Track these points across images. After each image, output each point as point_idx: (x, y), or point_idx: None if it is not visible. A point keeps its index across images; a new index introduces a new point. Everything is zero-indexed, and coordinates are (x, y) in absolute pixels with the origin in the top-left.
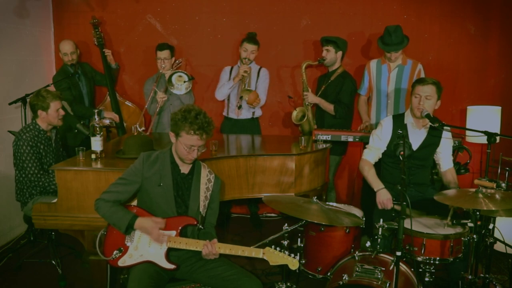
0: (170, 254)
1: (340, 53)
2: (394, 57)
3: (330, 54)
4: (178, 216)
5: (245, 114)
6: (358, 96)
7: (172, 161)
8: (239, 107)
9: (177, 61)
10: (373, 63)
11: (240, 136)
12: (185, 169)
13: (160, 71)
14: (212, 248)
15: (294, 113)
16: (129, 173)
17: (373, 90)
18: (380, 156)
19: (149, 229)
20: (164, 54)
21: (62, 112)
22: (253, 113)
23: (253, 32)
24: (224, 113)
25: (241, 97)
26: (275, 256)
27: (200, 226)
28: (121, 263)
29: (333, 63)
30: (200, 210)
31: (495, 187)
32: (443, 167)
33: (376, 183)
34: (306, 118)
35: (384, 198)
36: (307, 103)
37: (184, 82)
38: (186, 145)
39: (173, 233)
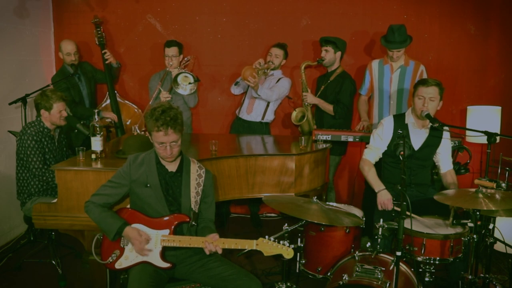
0: (168, 254)
1: (339, 53)
2: (396, 56)
3: (329, 55)
4: (170, 214)
5: (255, 116)
6: (358, 95)
7: (157, 161)
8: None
9: (185, 59)
10: (375, 64)
11: (240, 136)
12: (172, 167)
13: (167, 68)
14: (211, 246)
15: (294, 114)
16: (117, 176)
17: (375, 90)
18: (381, 156)
19: (133, 240)
20: (172, 51)
21: (64, 114)
22: (263, 117)
23: (284, 42)
24: (236, 112)
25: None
26: (268, 247)
27: (193, 223)
28: (118, 265)
29: (332, 64)
30: (192, 207)
31: (495, 187)
32: (443, 168)
33: (376, 184)
34: (305, 118)
35: (384, 198)
36: (306, 103)
37: (190, 83)
38: (157, 143)
39: (167, 231)
